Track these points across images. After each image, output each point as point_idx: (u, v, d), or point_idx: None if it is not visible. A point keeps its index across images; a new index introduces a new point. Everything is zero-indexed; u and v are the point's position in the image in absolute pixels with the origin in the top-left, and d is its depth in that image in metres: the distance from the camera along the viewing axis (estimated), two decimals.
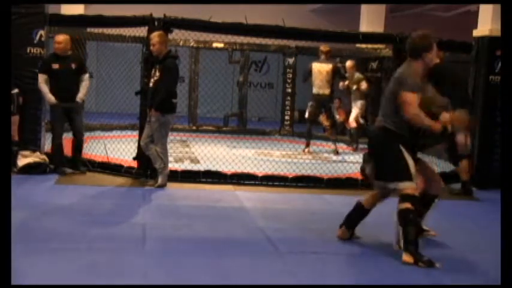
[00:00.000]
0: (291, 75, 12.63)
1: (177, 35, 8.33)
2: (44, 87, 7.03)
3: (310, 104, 9.77)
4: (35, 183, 6.64)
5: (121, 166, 7.37)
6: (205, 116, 13.11)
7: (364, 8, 13.05)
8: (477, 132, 7.80)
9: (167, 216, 5.64)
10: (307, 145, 9.90)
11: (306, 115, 9.86)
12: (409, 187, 4.50)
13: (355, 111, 10.22)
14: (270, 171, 7.52)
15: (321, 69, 9.53)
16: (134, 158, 7.23)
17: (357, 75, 10.12)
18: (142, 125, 6.96)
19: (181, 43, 11.41)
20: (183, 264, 4.25)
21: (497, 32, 7.45)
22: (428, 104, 4.54)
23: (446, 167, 7.86)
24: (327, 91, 9.59)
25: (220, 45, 12.22)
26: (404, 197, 4.50)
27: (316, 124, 10.06)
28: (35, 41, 7.26)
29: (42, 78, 7.04)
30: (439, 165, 8.45)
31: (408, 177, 4.50)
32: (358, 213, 4.93)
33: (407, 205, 4.48)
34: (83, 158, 7.51)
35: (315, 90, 9.62)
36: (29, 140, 7.26)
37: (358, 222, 4.95)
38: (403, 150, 4.51)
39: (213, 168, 7.44)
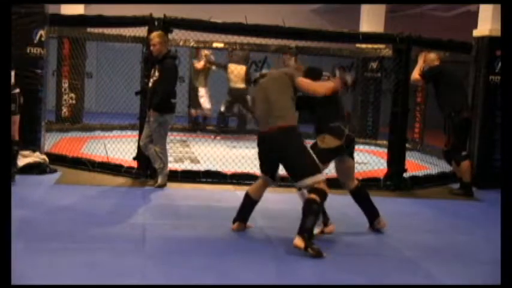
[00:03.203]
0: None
1: (177, 35, 8.33)
2: None
3: (227, 98, 11.36)
4: (35, 183, 6.63)
5: (121, 166, 7.37)
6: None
7: (364, 8, 13.03)
8: (477, 132, 7.80)
9: (167, 216, 5.65)
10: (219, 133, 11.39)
11: (222, 109, 11.33)
12: (320, 180, 4.61)
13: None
14: None
15: (235, 69, 11.10)
16: (134, 158, 7.23)
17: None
18: (142, 125, 6.96)
19: (181, 43, 11.40)
20: (183, 264, 4.25)
21: (497, 32, 7.45)
22: None
23: (446, 167, 7.86)
24: (242, 85, 11.10)
25: (220, 45, 12.21)
26: (314, 190, 4.61)
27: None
28: (35, 41, 7.26)
29: None
30: (438, 165, 8.49)
31: (318, 170, 4.63)
32: (248, 204, 5.08)
33: (314, 196, 4.58)
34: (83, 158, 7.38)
35: (231, 85, 11.13)
36: (29, 140, 7.26)
37: (250, 214, 5.11)
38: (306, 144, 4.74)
39: (213, 168, 7.44)
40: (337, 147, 5.01)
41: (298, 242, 4.52)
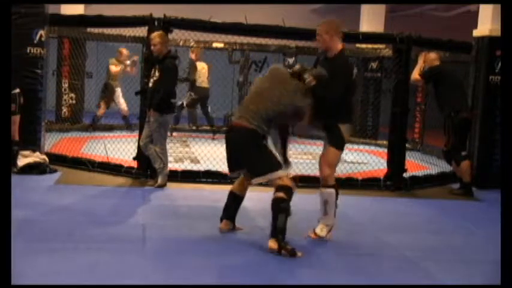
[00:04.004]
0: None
1: (177, 35, 8.33)
2: None
3: (190, 94, 11.32)
4: (35, 183, 6.63)
5: (121, 166, 7.37)
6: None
7: (364, 8, 13.04)
8: (477, 132, 7.80)
9: (167, 216, 5.64)
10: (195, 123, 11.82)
11: (185, 103, 11.25)
12: (282, 175, 4.62)
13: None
14: None
15: (202, 66, 11.21)
16: (134, 158, 7.24)
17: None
18: (142, 125, 6.96)
19: (181, 43, 11.40)
20: (183, 264, 4.25)
21: (497, 32, 7.45)
22: None
23: (446, 167, 7.86)
24: (207, 85, 11.34)
25: (220, 45, 12.21)
26: (279, 187, 4.60)
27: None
28: (35, 41, 7.25)
29: None
30: (438, 165, 8.49)
31: (277, 167, 4.63)
32: (234, 202, 5.04)
33: (281, 194, 4.57)
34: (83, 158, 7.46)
35: (198, 84, 11.22)
36: (29, 140, 7.26)
37: (236, 211, 5.06)
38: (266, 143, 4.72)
39: (213, 168, 7.44)
40: None
41: (272, 244, 4.54)
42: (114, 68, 10.97)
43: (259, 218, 5.55)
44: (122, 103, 11.20)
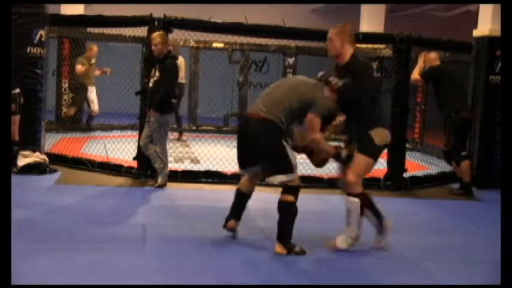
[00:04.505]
0: (291, 75, 12.62)
1: (177, 35, 8.33)
2: None
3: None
4: (35, 183, 6.63)
5: (121, 166, 7.37)
6: (205, 116, 13.11)
7: (364, 8, 13.05)
8: (477, 132, 7.80)
9: (167, 216, 5.65)
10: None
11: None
12: (294, 179, 4.52)
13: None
14: None
15: (181, 62, 10.31)
16: (134, 158, 7.24)
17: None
18: (142, 125, 6.96)
19: (181, 43, 11.40)
20: (183, 265, 4.25)
21: (497, 32, 7.45)
22: None
23: (446, 167, 7.86)
24: (184, 80, 10.92)
25: (220, 45, 12.22)
26: (289, 189, 4.51)
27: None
28: (35, 41, 7.25)
29: None
30: (438, 165, 8.49)
31: (291, 169, 4.49)
32: (241, 200, 4.88)
33: (290, 198, 4.50)
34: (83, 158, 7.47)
35: (179, 80, 10.41)
36: (29, 140, 7.26)
37: (243, 210, 4.91)
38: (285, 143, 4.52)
39: (213, 168, 7.45)
40: None
41: (280, 249, 4.54)
42: (80, 68, 10.54)
43: (259, 218, 5.56)
44: (94, 102, 11.01)
